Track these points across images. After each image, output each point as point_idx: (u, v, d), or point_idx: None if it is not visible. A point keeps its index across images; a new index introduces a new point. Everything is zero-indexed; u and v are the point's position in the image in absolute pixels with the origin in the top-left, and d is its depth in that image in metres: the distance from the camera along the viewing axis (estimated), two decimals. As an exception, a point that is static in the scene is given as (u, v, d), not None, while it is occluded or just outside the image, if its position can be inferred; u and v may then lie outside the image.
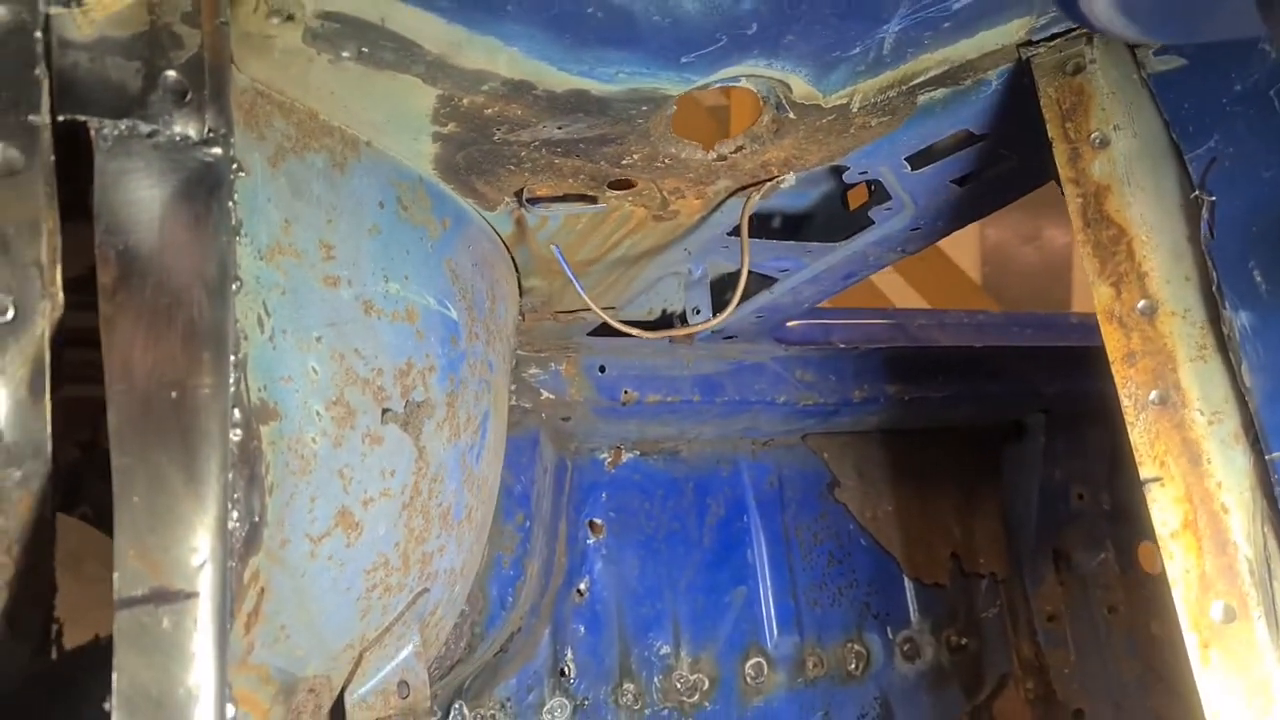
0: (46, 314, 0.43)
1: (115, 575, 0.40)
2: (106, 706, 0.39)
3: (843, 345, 1.32)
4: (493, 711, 1.16)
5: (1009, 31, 0.61)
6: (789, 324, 1.33)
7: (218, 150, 0.46)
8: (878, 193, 0.84)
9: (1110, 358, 0.54)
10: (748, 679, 1.29)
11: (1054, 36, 0.62)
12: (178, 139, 0.46)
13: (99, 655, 0.41)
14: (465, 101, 0.59)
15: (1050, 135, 0.60)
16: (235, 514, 0.48)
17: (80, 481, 0.43)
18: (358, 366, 0.61)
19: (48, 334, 0.43)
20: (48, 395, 0.44)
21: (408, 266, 0.66)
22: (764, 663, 1.30)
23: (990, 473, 1.53)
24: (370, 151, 0.64)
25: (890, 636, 1.38)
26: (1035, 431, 1.50)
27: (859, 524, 1.41)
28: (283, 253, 0.57)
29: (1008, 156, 0.74)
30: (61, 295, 0.44)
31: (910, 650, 1.39)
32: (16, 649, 0.43)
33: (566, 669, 1.21)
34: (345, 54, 0.54)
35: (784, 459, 1.39)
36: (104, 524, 0.43)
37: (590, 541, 1.26)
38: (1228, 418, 0.52)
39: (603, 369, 1.18)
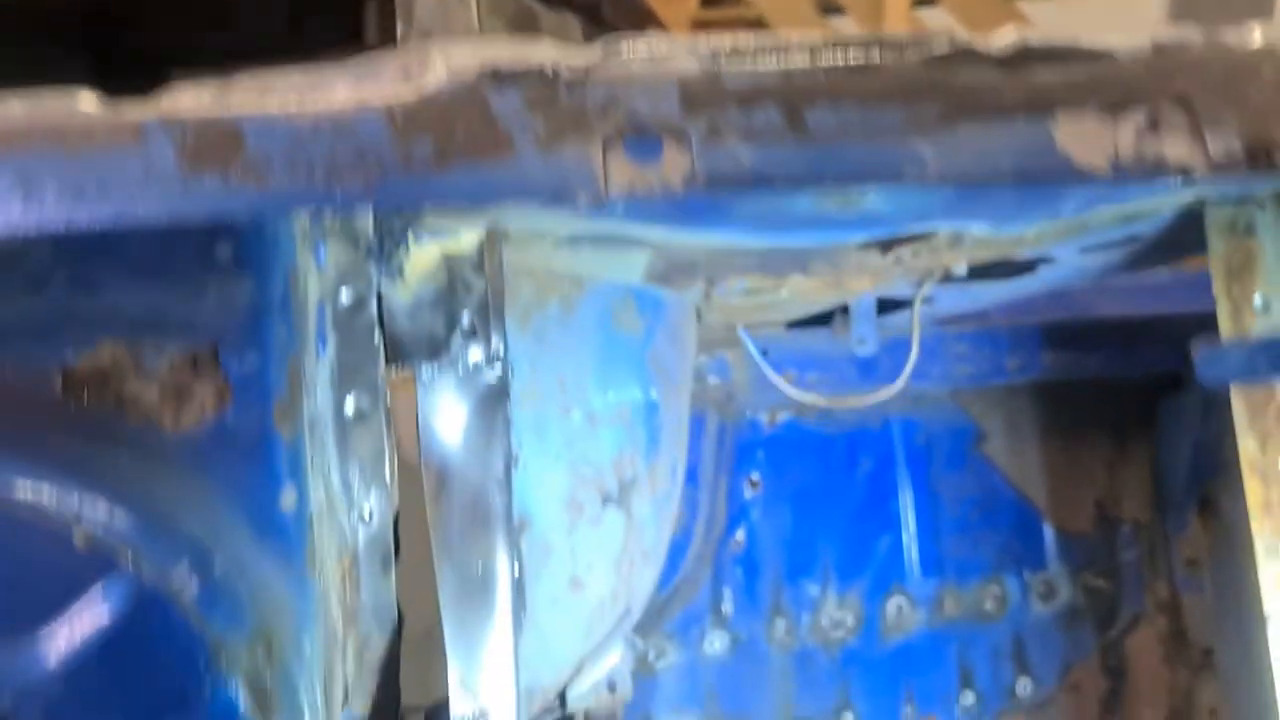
0: (389, 512, 0.58)
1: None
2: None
3: (1000, 320, 1.35)
4: (661, 643, 1.35)
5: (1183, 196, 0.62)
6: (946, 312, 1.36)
7: (499, 368, 0.58)
8: (1047, 252, 0.87)
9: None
10: (889, 618, 1.42)
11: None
12: (470, 367, 0.58)
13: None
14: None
15: (1215, 291, 0.62)
16: None
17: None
18: (585, 471, 0.74)
19: (390, 524, 0.58)
20: (393, 568, 0.59)
21: (620, 372, 0.77)
22: (905, 603, 1.42)
23: (1142, 423, 1.54)
24: (591, 284, 0.73)
25: (1027, 579, 1.47)
26: (1195, 384, 1.49)
27: (1005, 476, 1.48)
28: (530, 397, 0.68)
29: (1176, 243, 0.75)
30: (397, 498, 0.59)
31: (1046, 591, 1.48)
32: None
33: (724, 608, 1.37)
34: (583, 248, 0.62)
35: (933, 416, 1.45)
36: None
37: (748, 496, 1.38)
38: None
39: (766, 353, 1.26)
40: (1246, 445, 0.72)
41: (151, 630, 0.47)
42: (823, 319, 1.22)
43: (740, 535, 1.37)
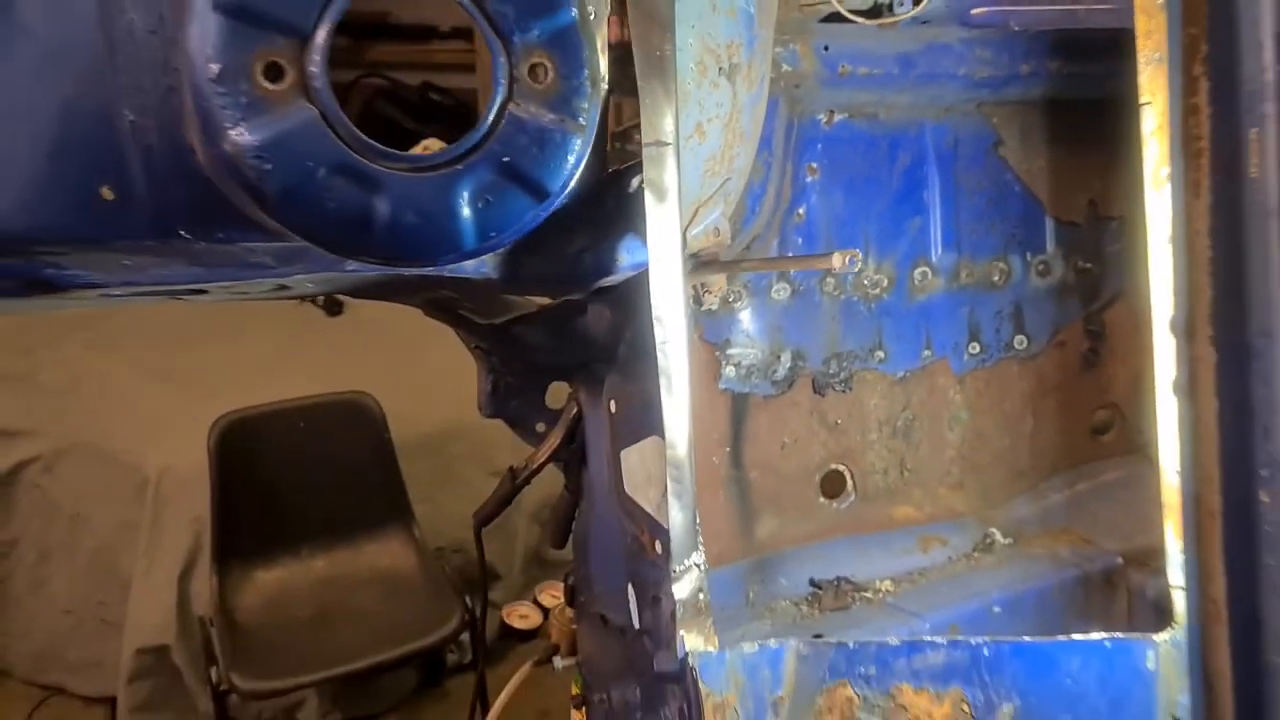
0: None
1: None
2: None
3: (1017, 28, 1.68)
4: (739, 289, 1.75)
5: None
6: (975, 11, 1.69)
7: None
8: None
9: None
10: (915, 281, 1.81)
11: None
12: None
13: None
14: None
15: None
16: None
17: None
18: (708, 42, 1.10)
19: None
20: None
21: None
22: (928, 271, 1.81)
23: (1133, 137, 1.89)
24: None
25: (1028, 259, 1.85)
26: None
27: (1015, 175, 1.84)
28: None
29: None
30: None
31: (1043, 269, 1.86)
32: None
33: (789, 265, 1.76)
34: None
35: (960, 123, 1.80)
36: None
37: (809, 180, 1.76)
38: None
39: (827, 48, 1.61)
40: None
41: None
42: (874, 14, 1.56)
43: (802, 211, 1.75)
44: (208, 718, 3.83)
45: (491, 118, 0.82)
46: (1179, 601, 0.85)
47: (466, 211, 0.80)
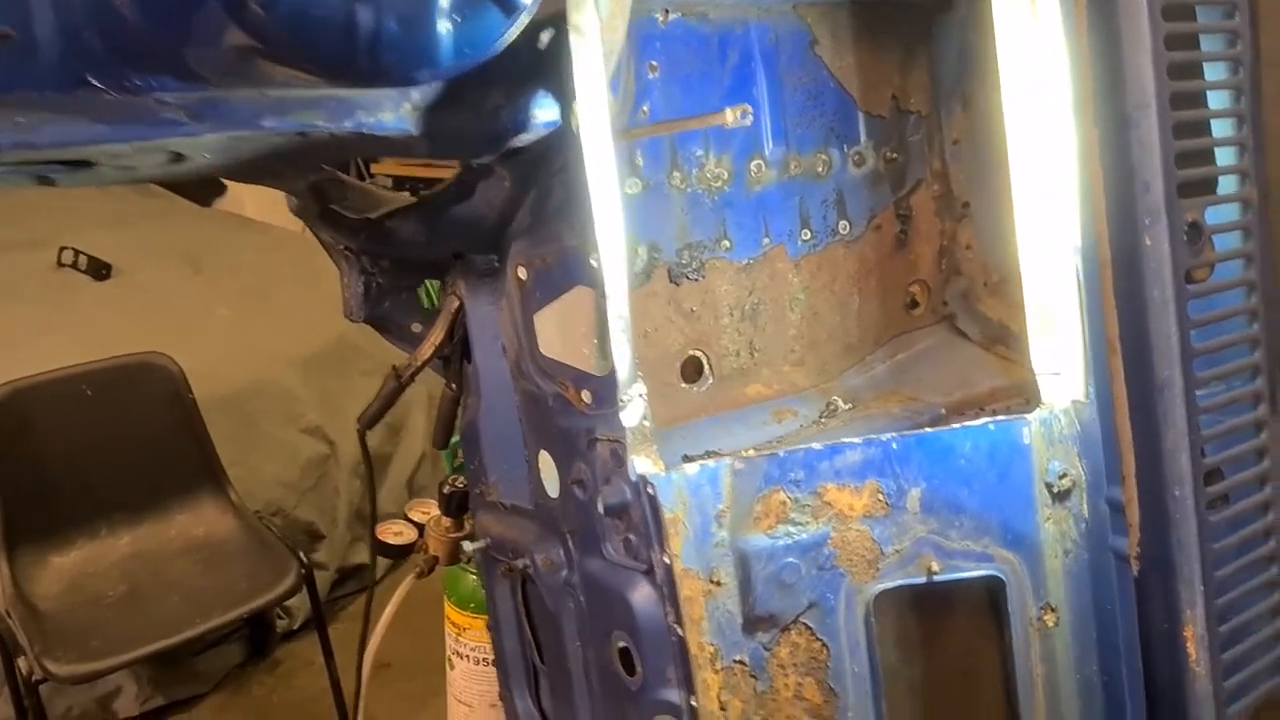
0: None
1: None
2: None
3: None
4: (592, 186, 1.80)
5: None
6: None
7: None
8: None
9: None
10: (752, 173, 1.94)
11: None
12: None
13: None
14: None
15: None
16: None
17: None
18: None
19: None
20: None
21: None
22: (762, 164, 1.94)
23: (924, 36, 2.11)
24: None
25: (845, 151, 2.03)
26: (961, 4, 2.06)
27: (830, 71, 2.01)
28: None
29: None
30: None
31: (858, 160, 2.05)
32: None
33: (637, 162, 1.84)
34: None
35: (780, 23, 1.94)
36: None
37: (650, 77, 1.83)
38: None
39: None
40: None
41: None
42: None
43: (646, 107, 1.83)
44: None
45: (466, -67, 0.84)
46: (1044, 386, 1.02)
47: (444, 24, 0.82)
